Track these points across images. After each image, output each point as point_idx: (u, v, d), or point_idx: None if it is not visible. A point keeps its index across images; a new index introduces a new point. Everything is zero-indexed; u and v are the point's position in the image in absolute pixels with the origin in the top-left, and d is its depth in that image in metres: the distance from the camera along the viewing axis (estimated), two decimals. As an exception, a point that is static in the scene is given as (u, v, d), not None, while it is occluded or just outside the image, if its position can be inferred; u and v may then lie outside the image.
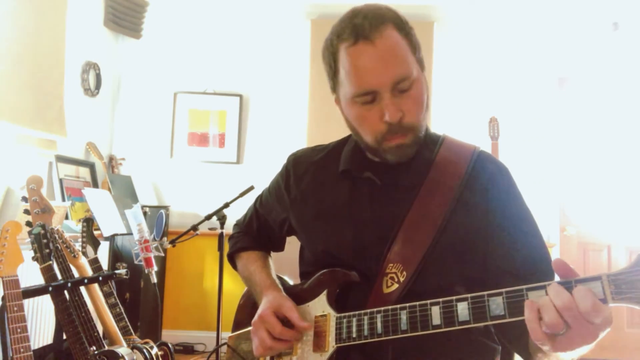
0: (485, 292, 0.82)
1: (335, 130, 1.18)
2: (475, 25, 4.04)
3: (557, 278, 0.76)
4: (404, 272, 0.98)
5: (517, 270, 0.96)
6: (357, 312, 0.97)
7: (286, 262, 1.37)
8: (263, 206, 1.30)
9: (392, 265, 0.99)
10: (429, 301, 0.87)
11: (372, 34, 0.94)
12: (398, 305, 0.91)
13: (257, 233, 1.31)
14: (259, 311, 1.06)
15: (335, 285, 1.04)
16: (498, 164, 1.09)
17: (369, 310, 0.95)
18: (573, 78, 3.99)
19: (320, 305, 1.04)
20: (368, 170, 1.06)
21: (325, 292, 1.04)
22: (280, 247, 1.32)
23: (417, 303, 0.89)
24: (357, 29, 0.95)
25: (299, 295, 1.09)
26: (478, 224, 1.01)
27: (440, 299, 0.86)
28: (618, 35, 3.68)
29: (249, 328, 1.09)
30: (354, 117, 1.03)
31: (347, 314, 0.99)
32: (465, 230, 1.00)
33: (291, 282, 1.23)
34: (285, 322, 1.03)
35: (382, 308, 0.93)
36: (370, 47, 0.94)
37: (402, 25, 0.98)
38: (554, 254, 3.87)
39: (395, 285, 0.98)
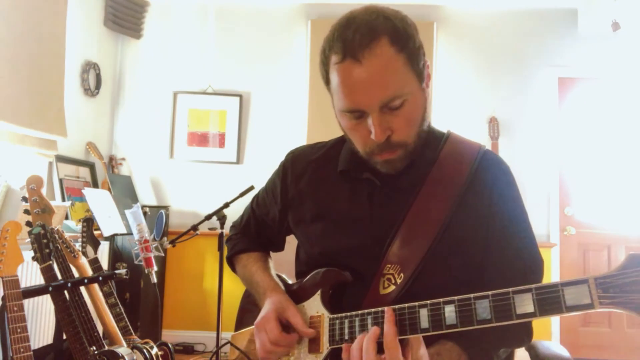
0: (471, 295, 0.81)
1: (335, 130, 1.17)
2: (475, 25, 4.04)
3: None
4: (402, 274, 0.97)
5: (514, 275, 0.96)
6: (348, 314, 0.96)
7: (284, 262, 1.37)
8: (260, 207, 1.28)
9: (389, 266, 0.99)
10: (417, 303, 0.86)
11: (361, 52, 0.89)
12: (388, 307, 0.90)
13: (255, 234, 1.29)
14: (262, 313, 1.06)
15: (328, 285, 1.04)
16: (502, 166, 1.07)
17: (359, 312, 0.94)
18: (573, 78, 3.99)
19: (315, 305, 1.04)
20: (367, 171, 1.05)
21: (319, 292, 1.04)
22: (280, 246, 1.31)
23: (406, 305, 0.87)
24: (346, 44, 0.90)
25: (295, 294, 1.08)
26: (478, 227, 1.00)
27: (428, 301, 0.85)
28: (618, 35, 3.67)
29: (252, 327, 1.09)
30: (344, 126, 1.02)
31: (339, 315, 0.98)
32: (466, 233, 1.00)
33: (289, 281, 1.22)
34: (287, 325, 1.03)
35: (373, 310, 0.92)
36: (357, 67, 0.90)
37: (398, 38, 0.91)
38: (554, 254, 3.87)
39: (392, 287, 0.97)
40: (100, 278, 2.16)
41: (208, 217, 2.75)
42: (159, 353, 2.20)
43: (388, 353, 0.83)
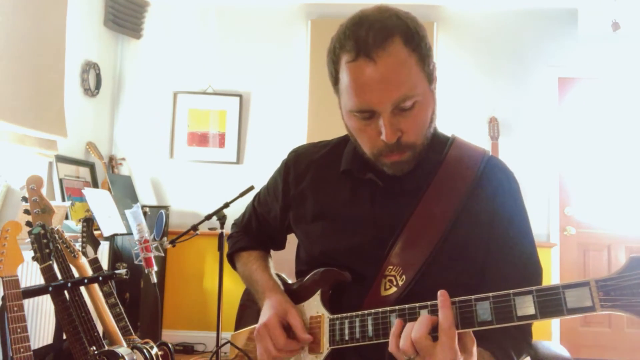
0: (472, 297, 0.81)
1: (336, 131, 1.17)
2: (475, 25, 4.04)
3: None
4: (404, 276, 0.97)
5: (513, 280, 0.95)
6: (349, 314, 0.96)
7: (285, 262, 1.37)
8: (261, 205, 1.28)
9: (391, 267, 0.98)
10: (417, 304, 0.86)
11: (375, 50, 0.88)
12: (388, 308, 0.90)
13: (256, 232, 1.29)
14: (263, 317, 1.05)
15: (328, 285, 1.04)
16: (506, 172, 1.07)
17: (360, 313, 0.94)
18: (573, 78, 3.99)
19: (314, 305, 1.04)
20: (370, 171, 1.04)
21: (319, 292, 1.04)
22: (281, 245, 1.30)
23: (407, 306, 0.87)
24: (359, 42, 0.89)
25: (295, 294, 1.08)
26: (481, 233, 1.00)
27: (429, 302, 0.84)
28: (618, 35, 3.67)
29: (253, 326, 1.09)
30: (352, 127, 1.00)
31: (340, 315, 0.98)
32: (469, 238, 0.99)
33: (289, 281, 1.22)
34: (289, 329, 1.03)
35: (373, 310, 0.92)
36: (371, 65, 0.89)
37: (410, 38, 0.91)
38: (554, 254, 3.87)
39: (394, 289, 0.97)
40: (100, 278, 2.16)
41: (208, 217, 2.75)
42: (159, 353, 2.20)
43: (446, 339, 0.78)
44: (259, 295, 1.14)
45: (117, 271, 2.21)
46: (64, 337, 1.93)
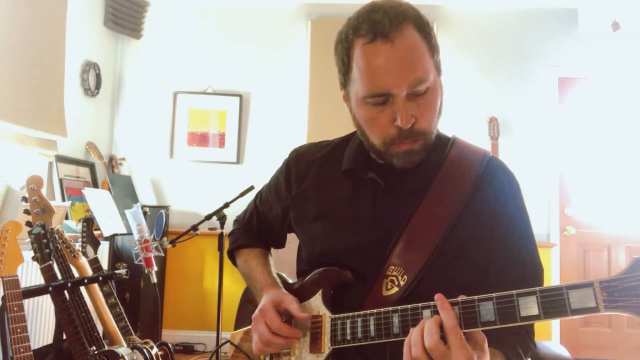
0: (475, 297, 0.81)
1: (336, 131, 1.17)
2: (475, 25, 4.04)
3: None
4: (405, 276, 0.97)
5: (514, 281, 0.95)
6: (351, 314, 0.96)
7: (285, 261, 1.37)
8: (263, 203, 1.28)
9: (393, 267, 0.98)
10: (420, 304, 0.86)
11: (392, 32, 0.90)
12: (390, 308, 0.90)
13: (257, 230, 1.29)
14: (259, 306, 1.05)
15: (329, 285, 1.04)
16: (507, 173, 1.07)
17: (362, 312, 0.94)
18: (573, 78, 3.99)
19: (316, 305, 1.04)
20: (372, 171, 1.04)
21: (320, 291, 1.04)
22: (281, 243, 1.31)
23: (409, 306, 0.87)
24: (375, 25, 0.91)
25: (296, 294, 1.08)
26: (482, 233, 1.00)
27: (431, 302, 0.84)
28: (618, 35, 3.67)
29: (250, 326, 1.09)
30: (363, 117, 0.99)
31: (341, 315, 0.98)
32: (470, 238, 1.00)
33: (290, 280, 1.22)
34: (286, 318, 1.02)
35: (375, 310, 0.92)
36: (388, 46, 0.91)
37: (423, 26, 0.94)
38: (554, 254, 3.87)
39: (395, 289, 0.97)
40: (100, 278, 2.16)
41: (208, 217, 2.75)
42: (159, 353, 2.20)
43: (454, 339, 0.78)
44: (257, 292, 1.15)
45: (117, 271, 2.20)
46: (64, 337, 1.93)
